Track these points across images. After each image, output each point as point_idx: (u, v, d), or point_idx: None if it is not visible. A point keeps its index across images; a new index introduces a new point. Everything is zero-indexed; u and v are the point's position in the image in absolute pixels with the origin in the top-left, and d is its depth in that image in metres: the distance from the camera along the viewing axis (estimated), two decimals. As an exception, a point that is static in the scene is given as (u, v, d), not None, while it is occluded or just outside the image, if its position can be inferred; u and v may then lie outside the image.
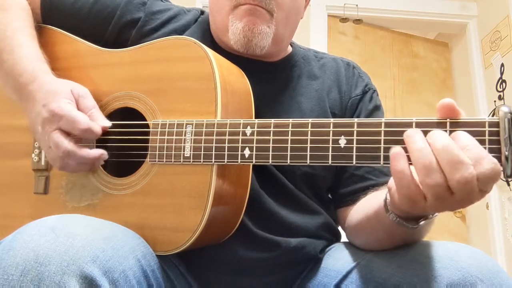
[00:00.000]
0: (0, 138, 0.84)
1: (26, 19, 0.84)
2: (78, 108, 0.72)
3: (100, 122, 0.71)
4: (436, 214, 0.59)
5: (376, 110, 0.90)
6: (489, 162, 0.50)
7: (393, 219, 0.61)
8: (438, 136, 0.52)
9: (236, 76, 0.77)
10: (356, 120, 0.59)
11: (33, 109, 0.73)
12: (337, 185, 0.86)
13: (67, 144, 0.69)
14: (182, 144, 0.69)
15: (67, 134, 0.70)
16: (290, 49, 0.93)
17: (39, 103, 0.71)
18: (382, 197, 0.64)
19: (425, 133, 0.53)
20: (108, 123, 0.73)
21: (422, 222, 0.60)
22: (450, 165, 0.50)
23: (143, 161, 0.72)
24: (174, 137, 0.69)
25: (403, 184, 0.53)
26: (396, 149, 0.54)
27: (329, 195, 0.90)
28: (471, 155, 0.50)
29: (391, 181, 0.56)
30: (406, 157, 0.53)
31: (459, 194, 0.51)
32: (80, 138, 0.71)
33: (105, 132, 0.73)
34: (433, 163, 0.51)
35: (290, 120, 0.63)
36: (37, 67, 0.76)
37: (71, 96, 0.72)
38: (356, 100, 0.89)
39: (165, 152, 0.70)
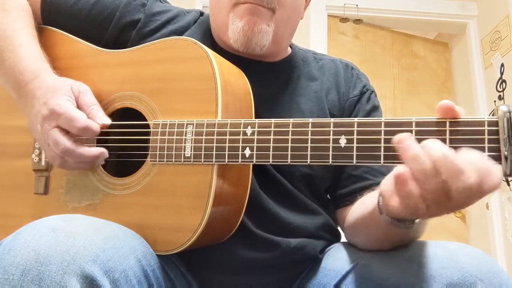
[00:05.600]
0: (0, 138, 0.84)
1: (27, 20, 0.84)
2: (78, 105, 0.72)
3: (99, 120, 0.71)
4: None
5: (374, 110, 0.90)
6: (495, 176, 0.50)
7: (387, 221, 0.61)
8: (435, 145, 0.51)
9: (236, 77, 0.77)
10: (356, 119, 0.59)
11: (32, 108, 0.73)
12: (335, 185, 0.86)
13: (65, 142, 0.69)
14: (183, 144, 0.69)
15: (66, 132, 0.70)
16: (289, 50, 0.93)
17: (39, 100, 0.71)
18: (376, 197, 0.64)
19: (419, 141, 0.52)
20: (107, 121, 0.73)
21: (417, 220, 0.60)
22: (450, 173, 0.50)
23: (144, 161, 0.72)
24: (175, 137, 0.69)
25: (410, 205, 0.53)
26: (399, 170, 0.52)
27: (328, 196, 0.90)
28: (476, 168, 0.50)
29: (384, 186, 0.56)
30: (411, 177, 0.52)
31: (458, 200, 0.51)
32: (80, 136, 0.70)
33: (106, 131, 0.73)
34: (431, 169, 0.50)
35: (291, 120, 0.63)
36: (38, 66, 0.76)
37: (71, 93, 0.72)
38: (353, 101, 0.89)
39: (165, 152, 0.70)
